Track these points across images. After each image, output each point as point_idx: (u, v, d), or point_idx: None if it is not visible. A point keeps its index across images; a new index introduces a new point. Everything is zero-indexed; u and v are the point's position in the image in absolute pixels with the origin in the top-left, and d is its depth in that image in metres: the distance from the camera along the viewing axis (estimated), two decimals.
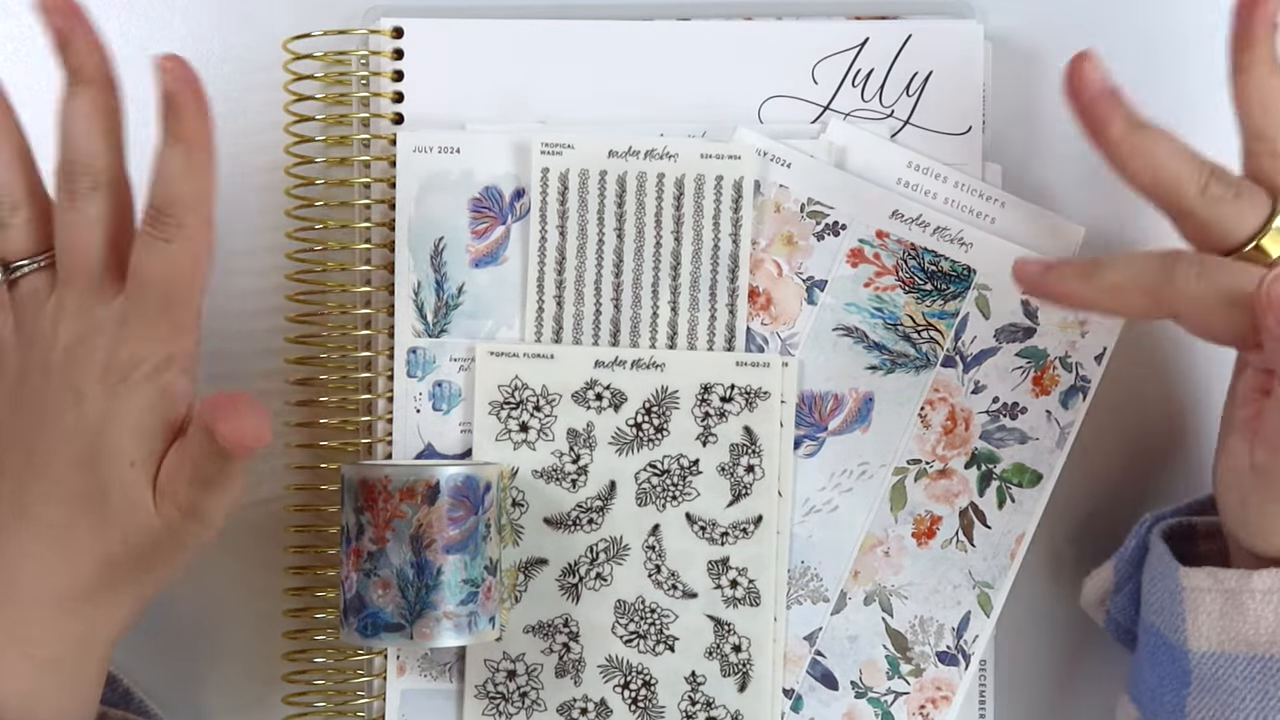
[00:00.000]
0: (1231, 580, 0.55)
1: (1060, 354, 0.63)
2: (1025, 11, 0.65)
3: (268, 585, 0.65)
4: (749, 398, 0.63)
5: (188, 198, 0.54)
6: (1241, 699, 0.55)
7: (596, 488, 0.63)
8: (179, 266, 0.54)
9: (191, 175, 0.54)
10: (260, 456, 0.65)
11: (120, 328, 0.55)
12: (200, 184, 0.54)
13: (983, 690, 0.65)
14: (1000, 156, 0.64)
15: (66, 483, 0.55)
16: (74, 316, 0.55)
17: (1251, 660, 0.55)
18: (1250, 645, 0.55)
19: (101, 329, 0.55)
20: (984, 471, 0.64)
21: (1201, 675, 0.56)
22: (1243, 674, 0.55)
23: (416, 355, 0.64)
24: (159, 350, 0.55)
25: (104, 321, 0.55)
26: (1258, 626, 0.54)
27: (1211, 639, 0.56)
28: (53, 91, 0.67)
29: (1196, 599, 0.56)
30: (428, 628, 0.58)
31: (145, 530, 0.55)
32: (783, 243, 0.64)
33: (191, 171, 0.54)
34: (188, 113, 0.54)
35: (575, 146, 0.63)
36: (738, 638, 0.63)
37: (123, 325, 0.54)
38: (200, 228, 0.54)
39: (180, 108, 0.54)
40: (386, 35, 0.64)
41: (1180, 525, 0.61)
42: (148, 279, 0.54)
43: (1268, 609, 0.54)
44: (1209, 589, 0.56)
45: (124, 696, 0.63)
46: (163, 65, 0.53)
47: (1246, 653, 0.55)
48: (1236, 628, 0.55)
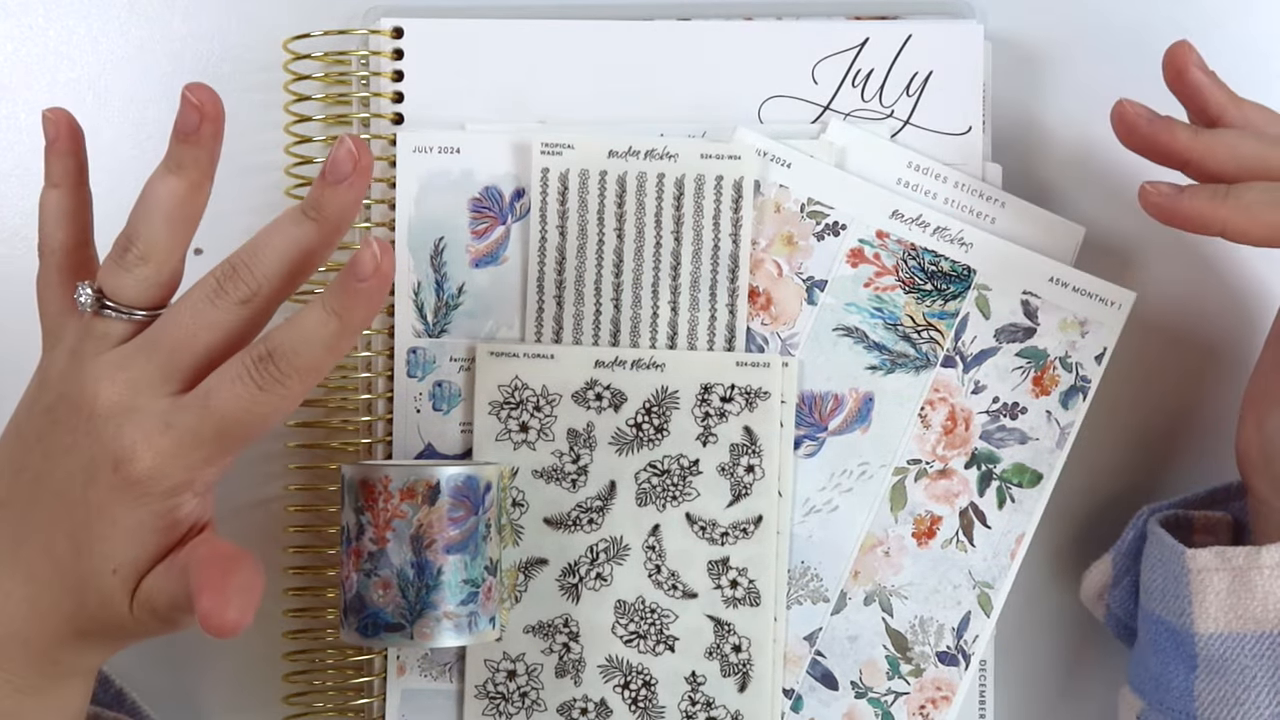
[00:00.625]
0: (1240, 558, 0.56)
1: (1060, 354, 0.63)
2: (1025, 11, 0.65)
3: (268, 585, 0.65)
4: (749, 398, 0.63)
5: (308, 363, 0.52)
6: (1252, 677, 0.55)
7: (596, 488, 0.63)
8: (254, 414, 0.52)
9: (326, 349, 0.52)
10: (260, 457, 0.65)
11: (159, 432, 0.52)
12: (327, 361, 0.52)
13: (983, 690, 0.65)
14: (1000, 156, 0.64)
15: (57, 549, 0.53)
16: (122, 387, 0.52)
17: (1261, 638, 0.55)
18: (1259, 623, 0.55)
19: (139, 418, 0.52)
20: (984, 471, 0.64)
21: (1209, 657, 0.56)
22: (1252, 652, 0.55)
23: (416, 355, 0.64)
24: (182, 475, 0.52)
25: (146, 413, 0.52)
26: (1266, 603, 0.55)
27: (1219, 620, 0.56)
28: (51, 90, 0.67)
29: (1203, 580, 0.56)
30: (428, 628, 0.58)
31: (117, 623, 0.54)
32: (783, 243, 0.64)
33: (329, 346, 0.52)
34: (366, 303, 0.51)
35: (575, 146, 0.63)
36: (738, 638, 0.63)
37: (163, 431, 0.52)
38: (297, 393, 0.52)
39: (363, 297, 0.51)
40: (386, 35, 0.64)
41: (1177, 517, 0.62)
42: (216, 408, 0.51)
43: (1276, 584, 0.55)
44: (1216, 569, 0.56)
45: (117, 698, 0.63)
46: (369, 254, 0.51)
47: (1255, 630, 0.55)
48: (1245, 606, 0.55)
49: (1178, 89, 0.59)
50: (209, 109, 0.54)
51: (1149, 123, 0.58)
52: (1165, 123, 0.58)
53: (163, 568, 0.53)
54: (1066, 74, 0.66)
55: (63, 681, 0.55)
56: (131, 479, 0.52)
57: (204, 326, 0.53)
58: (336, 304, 0.51)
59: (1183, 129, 0.57)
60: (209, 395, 0.52)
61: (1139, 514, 0.62)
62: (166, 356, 0.52)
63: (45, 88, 0.66)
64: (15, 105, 0.66)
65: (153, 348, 0.53)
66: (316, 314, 0.52)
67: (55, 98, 0.66)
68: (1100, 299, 0.63)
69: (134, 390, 0.52)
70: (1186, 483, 0.65)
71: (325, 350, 0.52)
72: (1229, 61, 0.66)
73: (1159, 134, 0.57)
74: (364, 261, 0.51)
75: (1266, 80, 0.66)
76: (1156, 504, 0.63)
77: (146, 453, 0.51)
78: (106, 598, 0.53)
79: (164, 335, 0.53)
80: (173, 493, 0.52)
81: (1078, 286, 0.63)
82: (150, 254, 0.54)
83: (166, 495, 0.52)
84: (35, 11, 0.66)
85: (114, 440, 0.52)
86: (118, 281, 0.54)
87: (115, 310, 0.54)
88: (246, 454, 0.64)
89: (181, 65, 0.66)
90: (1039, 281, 0.63)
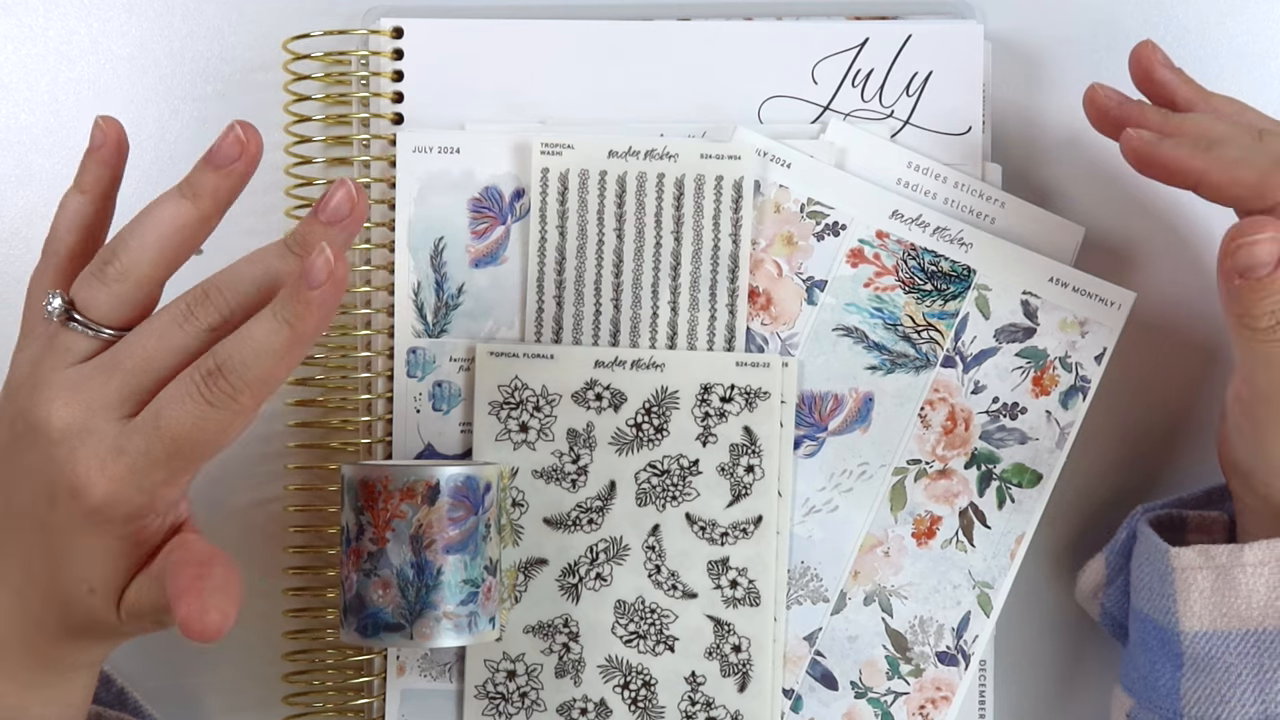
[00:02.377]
0: (1222, 556, 0.56)
1: (1060, 354, 0.63)
2: (1025, 11, 0.65)
3: (268, 585, 0.65)
4: (749, 398, 0.63)
5: (259, 376, 0.50)
6: (1237, 675, 0.55)
7: (596, 488, 0.63)
8: (206, 432, 0.50)
9: (278, 360, 0.50)
10: (260, 457, 0.65)
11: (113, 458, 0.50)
12: (278, 372, 0.50)
13: (983, 690, 0.65)
14: (1000, 156, 0.64)
15: (33, 566, 0.52)
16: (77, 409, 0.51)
17: (1245, 636, 0.55)
18: (1243, 620, 0.55)
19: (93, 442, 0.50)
20: (984, 471, 0.64)
21: (1194, 655, 0.56)
22: (1237, 650, 0.56)
23: (416, 355, 0.64)
24: (140, 499, 0.51)
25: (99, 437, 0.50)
26: (1250, 600, 0.55)
27: (1204, 618, 0.56)
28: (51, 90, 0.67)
29: (1187, 578, 0.57)
30: (428, 628, 0.58)
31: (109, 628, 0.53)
32: (783, 243, 0.64)
33: (281, 357, 0.50)
34: (318, 312, 0.49)
35: (575, 146, 0.63)
36: (738, 638, 0.63)
37: (115, 457, 0.50)
38: (249, 407, 0.50)
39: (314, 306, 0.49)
40: (386, 35, 0.64)
41: (1170, 517, 0.62)
42: (166, 429, 0.50)
43: (1259, 581, 0.55)
44: (1200, 567, 0.56)
45: (119, 697, 0.63)
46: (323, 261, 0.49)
47: (1240, 628, 0.55)
48: (1229, 604, 0.56)
49: (1146, 88, 0.60)
50: (251, 148, 0.53)
51: (1120, 105, 0.58)
52: (1136, 106, 0.58)
53: (143, 576, 0.53)
54: (1066, 74, 0.66)
55: (66, 676, 0.55)
56: (89, 508, 0.50)
57: (168, 350, 0.51)
58: (288, 313, 0.50)
59: (1153, 111, 0.58)
60: (158, 416, 0.50)
61: (1132, 513, 0.63)
62: (124, 379, 0.51)
63: (45, 88, 0.66)
64: (15, 105, 0.66)
65: (112, 369, 0.51)
66: (267, 324, 0.50)
67: (55, 98, 0.66)
68: (1100, 299, 0.63)
69: (88, 413, 0.50)
70: (1186, 482, 0.65)
71: (277, 362, 0.50)
72: (1226, 62, 0.66)
73: (1129, 116, 0.58)
74: (317, 268, 0.49)
75: (1263, 80, 0.66)
76: (1150, 503, 0.63)
77: (101, 480, 0.50)
78: (90, 611, 0.53)
79: (125, 357, 0.51)
80: (133, 517, 0.51)
81: (1078, 286, 0.63)
82: (131, 272, 0.52)
83: (127, 520, 0.51)
84: (35, 11, 0.66)
85: (68, 466, 0.50)
86: (91, 294, 0.52)
87: (82, 325, 0.52)
88: (246, 454, 0.65)
89: (181, 65, 0.66)
90: (1039, 281, 0.63)
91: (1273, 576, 0.55)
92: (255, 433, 0.65)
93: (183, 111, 0.66)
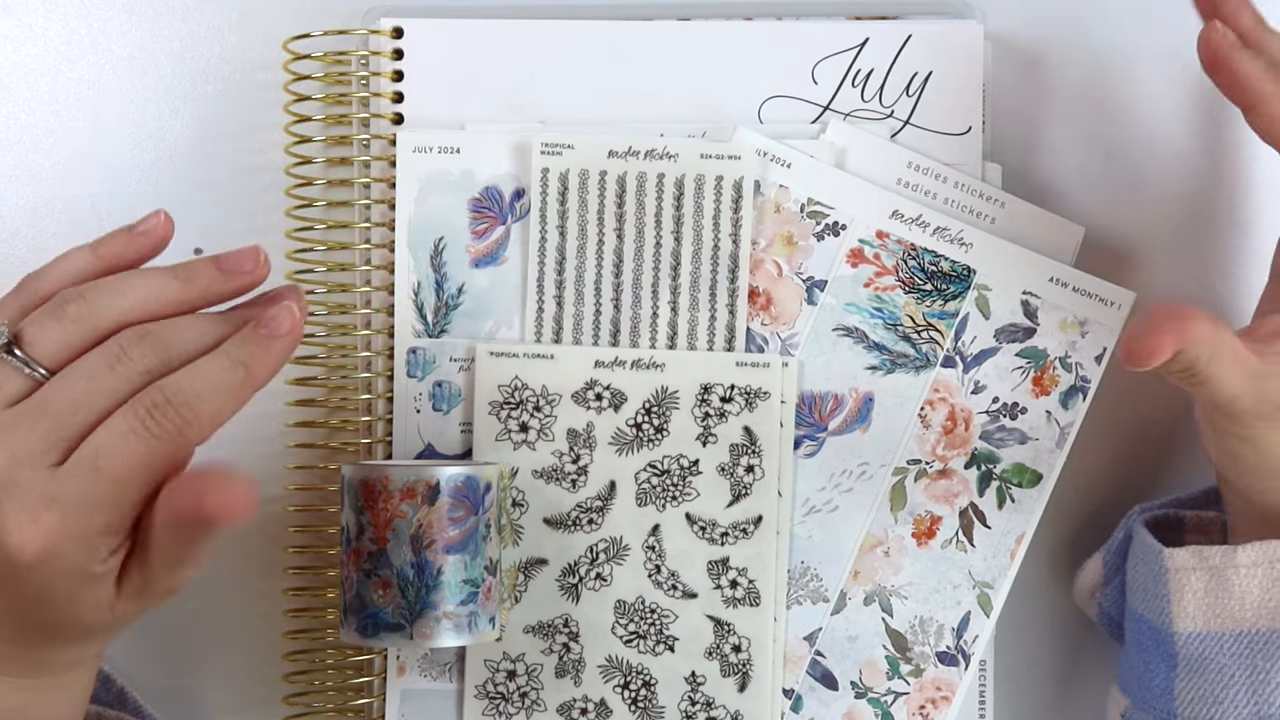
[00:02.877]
0: (1216, 557, 0.56)
1: (1060, 354, 0.63)
2: (1025, 11, 0.65)
3: (268, 585, 0.65)
4: (749, 398, 0.63)
5: (210, 410, 0.49)
6: (1230, 676, 0.55)
7: (596, 488, 0.63)
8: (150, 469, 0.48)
9: (228, 399, 0.49)
10: (260, 457, 0.65)
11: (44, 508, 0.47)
12: (226, 410, 0.49)
13: (983, 690, 0.65)
14: (1000, 156, 0.64)
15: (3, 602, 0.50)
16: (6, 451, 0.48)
17: (1239, 637, 0.55)
18: (1237, 621, 0.55)
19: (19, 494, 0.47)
20: (984, 471, 0.64)
21: (1188, 656, 0.56)
22: (1230, 651, 0.56)
23: (416, 355, 0.64)
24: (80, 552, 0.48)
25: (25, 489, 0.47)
26: (1243, 601, 0.55)
27: (1197, 619, 0.56)
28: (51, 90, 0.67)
29: (1181, 579, 0.57)
30: (428, 628, 0.58)
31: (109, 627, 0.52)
32: (783, 243, 0.64)
33: (231, 397, 0.49)
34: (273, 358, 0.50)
35: (575, 146, 0.63)
36: (738, 638, 0.63)
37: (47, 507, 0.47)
38: (193, 443, 0.49)
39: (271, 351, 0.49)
40: (386, 35, 0.64)
41: (1168, 517, 0.62)
42: (107, 469, 0.47)
43: (1253, 583, 0.55)
44: (1194, 568, 0.56)
45: (119, 697, 0.63)
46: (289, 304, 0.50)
47: (1233, 629, 0.55)
48: (1222, 604, 0.56)
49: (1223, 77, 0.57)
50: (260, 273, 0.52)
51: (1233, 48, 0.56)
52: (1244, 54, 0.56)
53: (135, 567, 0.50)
54: (1066, 74, 0.66)
55: (64, 675, 0.55)
56: (27, 563, 0.47)
57: (98, 394, 0.48)
58: (244, 355, 0.49)
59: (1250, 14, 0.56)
60: (97, 455, 0.47)
61: (1130, 513, 0.63)
62: (50, 425, 0.48)
63: (45, 88, 0.66)
64: (15, 105, 0.66)
65: (38, 415, 0.48)
66: (220, 362, 0.49)
67: (55, 98, 0.66)
68: (1100, 299, 0.63)
69: (11, 461, 0.47)
70: (1186, 482, 0.65)
71: (228, 398, 0.49)
72: None
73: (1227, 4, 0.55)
74: (281, 319, 0.50)
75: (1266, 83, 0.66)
76: (1148, 504, 0.63)
77: (35, 532, 0.47)
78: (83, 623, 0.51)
79: (51, 399, 0.48)
80: (78, 568, 0.49)
81: (1078, 286, 0.63)
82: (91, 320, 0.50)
83: (74, 571, 0.48)
84: (35, 11, 0.66)
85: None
86: (41, 330, 0.50)
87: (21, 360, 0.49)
88: (247, 454, 0.65)
89: (181, 65, 0.66)
90: (1039, 281, 0.63)
91: (1266, 578, 0.55)
92: (255, 433, 0.65)
93: (183, 111, 0.66)
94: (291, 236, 0.64)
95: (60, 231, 0.66)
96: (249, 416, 0.65)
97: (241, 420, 0.65)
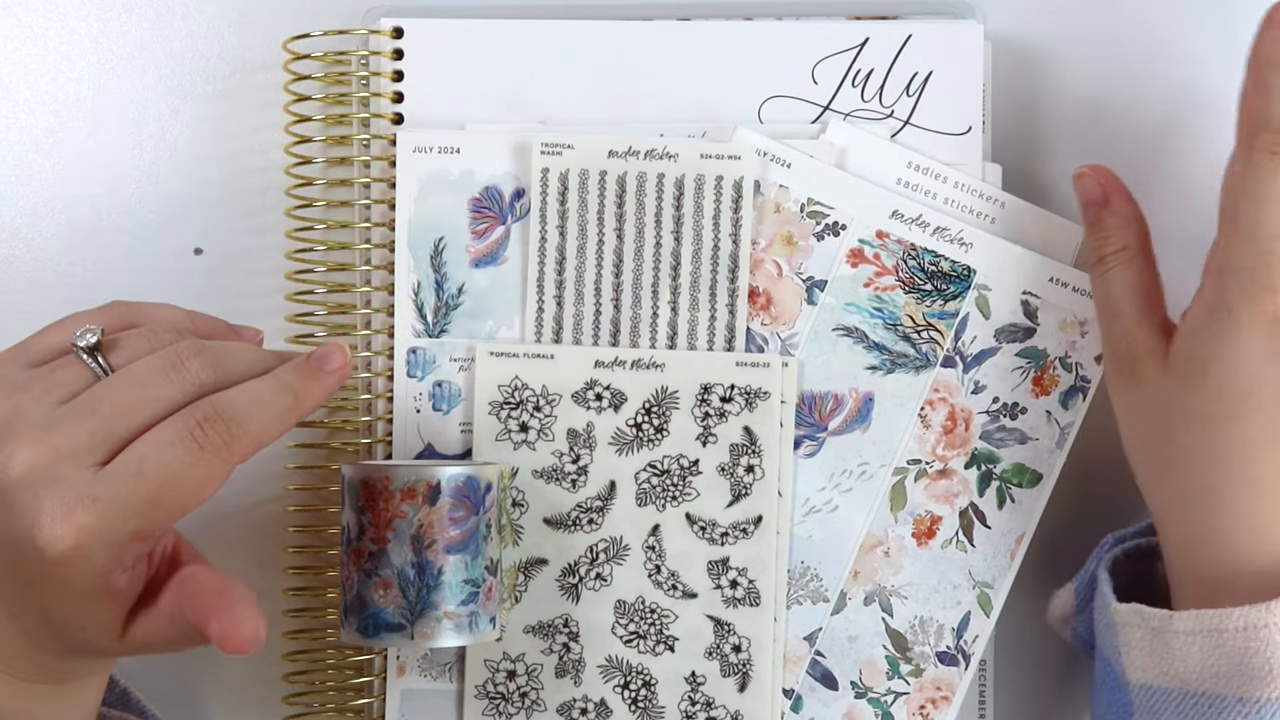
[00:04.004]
0: (1155, 620, 0.55)
1: (1060, 354, 0.63)
2: (1025, 11, 0.65)
3: (268, 585, 0.65)
4: (749, 398, 0.63)
5: (259, 429, 0.50)
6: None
7: (596, 488, 0.63)
8: (193, 480, 0.49)
9: (276, 422, 0.51)
10: (260, 457, 0.65)
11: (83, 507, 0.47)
12: (273, 432, 0.51)
13: (983, 690, 0.65)
14: (1000, 156, 0.64)
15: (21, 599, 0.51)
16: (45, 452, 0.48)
17: (1185, 696, 0.54)
18: (1183, 680, 0.54)
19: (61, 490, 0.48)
20: (984, 471, 0.64)
21: (1142, 706, 0.56)
22: (1176, 709, 0.55)
23: (416, 355, 0.64)
24: (108, 554, 0.48)
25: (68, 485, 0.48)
26: (1186, 664, 0.54)
27: (1147, 672, 0.55)
28: (51, 90, 0.67)
29: (1128, 634, 0.56)
30: (428, 628, 0.58)
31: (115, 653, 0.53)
32: (783, 243, 0.64)
33: (279, 420, 0.51)
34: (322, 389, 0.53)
35: (575, 146, 0.63)
36: (738, 638, 0.63)
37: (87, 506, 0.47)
38: (238, 459, 0.50)
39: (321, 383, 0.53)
40: (386, 35, 0.64)
41: (1139, 547, 0.61)
42: (151, 474, 0.48)
43: (1193, 649, 0.54)
44: (1137, 625, 0.56)
45: (122, 697, 0.63)
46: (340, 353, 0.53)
47: (1180, 688, 0.54)
48: (1167, 664, 0.55)
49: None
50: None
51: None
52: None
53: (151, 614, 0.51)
54: (1066, 74, 0.66)
55: (72, 686, 0.55)
56: (55, 560, 0.48)
57: (148, 400, 0.49)
58: (295, 382, 0.52)
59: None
60: (142, 461, 0.48)
61: (1102, 543, 0.62)
62: (99, 424, 0.49)
63: (45, 88, 0.66)
64: (15, 105, 0.66)
65: (87, 414, 0.49)
66: (272, 384, 0.51)
67: (55, 98, 0.66)
68: None
69: (56, 457, 0.48)
70: None
71: (276, 420, 0.51)
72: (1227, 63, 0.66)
73: None
74: (333, 355, 0.53)
75: None
76: (1121, 532, 0.62)
77: (68, 530, 0.47)
78: (87, 643, 0.52)
79: (103, 401, 0.49)
80: (97, 574, 0.49)
81: (1078, 286, 0.63)
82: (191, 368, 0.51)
83: (96, 575, 0.49)
84: (35, 11, 0.66)
85: (32, 514, 0.47)
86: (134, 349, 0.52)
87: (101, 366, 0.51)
88: None
89: (181, 65, 0.66)
90: (1039, 281, 0.63)
91: (1205, 645, 0.54)
92: None
93: (183, 111, 0.66)
94: (291, 236, 0.64)
95: (60, 232, 0.66)
96: None
97: None
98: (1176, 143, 0.66)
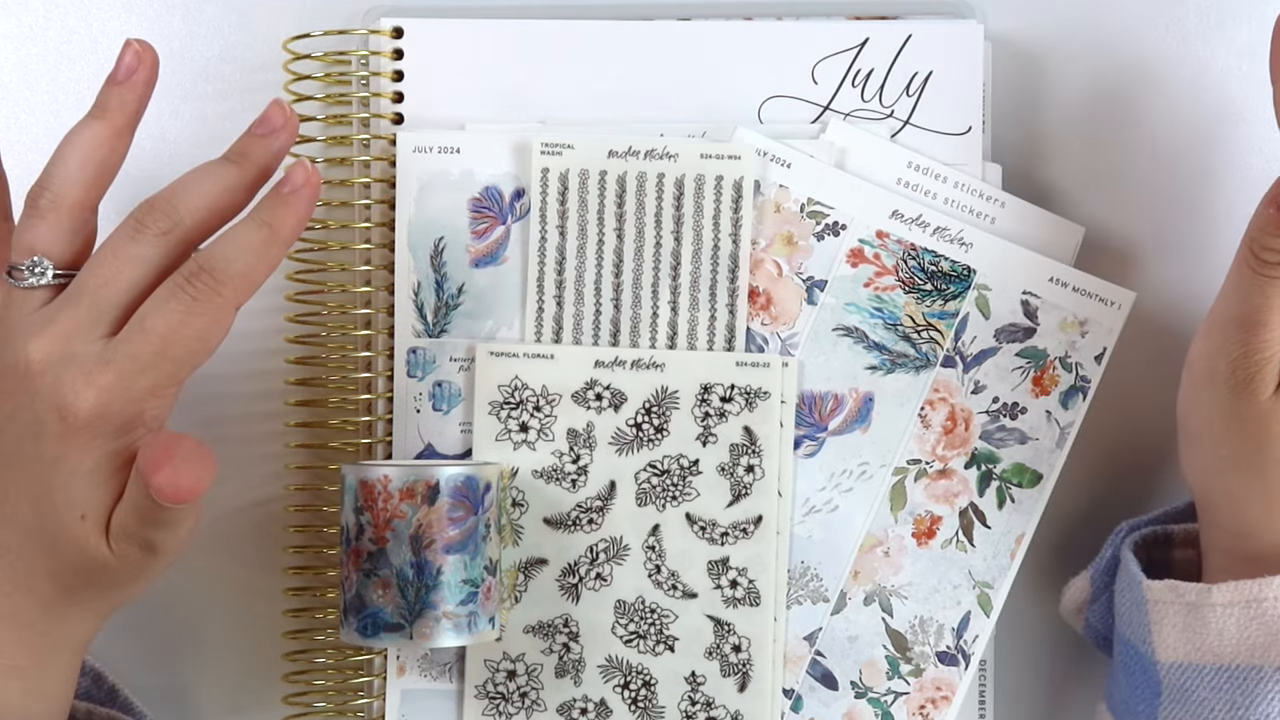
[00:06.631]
0: (1191, 594, 0.55)
1: (1060, 354, 0.63)
2: (1025, 11, 0.65)
3: (268, 585, 0.65)
4: (749, 398, 0.63)
5: (241, 270, 0.53)
6: (1211, 709, 0.55)
7: (596, 488, 0.63)
8: (190, 329, 0.52)
9: (258, 258, 0.53)
10: (260, 457, 0.65)
11: (99, 370, 0.52)
12: (259, 268, 0.53)
13: (983, 690, 0.65)
14: (1000, 156, 0.64)
15: (20, 515, 0.53)
16: (52, 339, 0.52)
17: (1219, 671, 0.55)
18: (1216, 656, 0.55)
19: (75, 363, 0.52)
20: (984, 471, 0.64)
21: (1171, 686, 0.56)
22: (1210, 684, 0.55)
23: (416, 355, 0.64)
24: (130, 407, 0.52)
25: (81, 357, 0.52)
26: (1221, 638, 0.55)
27: (1178, 650, 0.56)
28: (51, 90, 0.67)
29: (1161, 611, 0.56)
30: (428, 628, 0.58)
31: (101, 567, 0.54)
32: (783, 243, 0.64)
33: (261, 255, 0.53)
34: (294, 212, 0.54)
35: (575, 146, 0.63)
36: (738, 638, 0.63)
37: (102, 369, 0.52)
38: (230, 304, 0.53)
39: (290, 205, 0.54)
40: (386, 35, 0.64)
41: (1156, 534, 0.61)
42: (153, 328, 0.52)
43: (1229, 621, 0.54)
44: (1171, 602, 0.56)
45: (110, 694, 0.63)
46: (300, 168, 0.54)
47: (1214, 663, 0.55)
48: (1201, 639, 0.55)
49: None
50: (148, 57, 0.56)
51: None
52: None
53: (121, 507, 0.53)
54: (1066, 74, 0.66)
55: (50, 658, 0.55)
56: (80, 422, 0.52)
57: (126, 262, 0.53)
58: (267, 214, 0.54)
59: None
60: (144, 319, 0.52)
61: (1117, 530, 0.62)
62: (92, 299, 0.53)
63: (45, 88, 0.66)
64: (15, 105, 0.66)
65: (78, 295, 0.53)
66: (246, 225, 0.54)
67: (55, 98, 0.66)
68: (1100, 299, 0.63)
69: (65, 339, 0.52)
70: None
71: (257, 257, 0.53)
72: (1228, 63, 0.66)
73: None
74: (296, 173, 0.54)
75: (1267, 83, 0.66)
76: (1135, 520, 0.63)
77: (89, 391, 0.52)
78: (82, 545, 0.53)
79: (87, 280, 0.53)
80: (124, 429, 0.53)
81: (1077, 286, 0.63)
82: (61, 199, 0.54)
83: (118, 433, 0.52)
84: (35, 11, 0.66)
85: (54, 390, 0.52)
86: (33, 234, 0.54)
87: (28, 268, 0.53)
88: (246, 454, 0.65)
89: (182, 65, 0.66)
90: (1039, 281, 0.63)
91: (1243, 616, 0.55)
92: (255, 432, 0.65)
93: (183, 111, 0.66)
94: None
95: None
96: (249, 416, 0.66)
97: (242, 420, 0.66)
98: (1177, 143, 0.66)
